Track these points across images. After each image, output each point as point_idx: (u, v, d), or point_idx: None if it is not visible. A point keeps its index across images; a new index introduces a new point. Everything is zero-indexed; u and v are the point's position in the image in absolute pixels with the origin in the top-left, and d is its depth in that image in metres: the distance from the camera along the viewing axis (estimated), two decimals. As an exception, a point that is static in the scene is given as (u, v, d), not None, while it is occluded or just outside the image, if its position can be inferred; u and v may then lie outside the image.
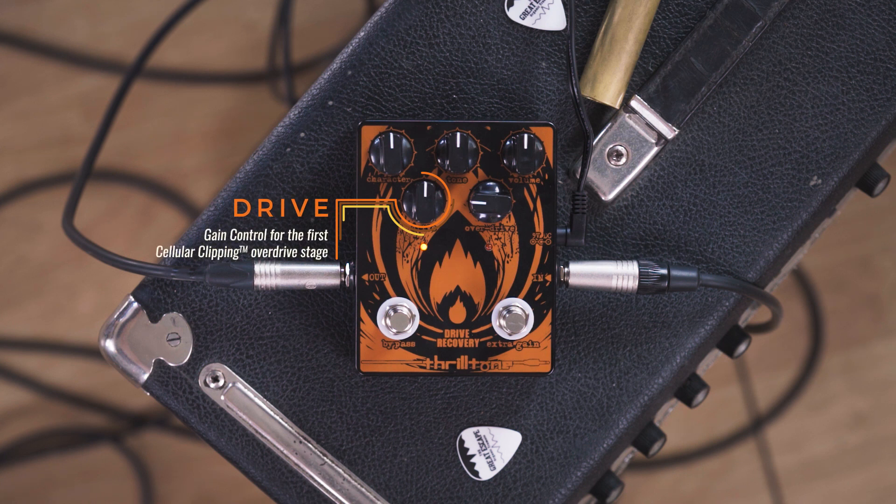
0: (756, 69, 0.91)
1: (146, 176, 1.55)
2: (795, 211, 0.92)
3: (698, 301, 0.92)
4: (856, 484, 1.55)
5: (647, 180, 0.92)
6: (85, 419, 1.54)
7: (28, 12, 1.56)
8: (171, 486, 1.54)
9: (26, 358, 1.54)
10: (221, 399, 0.91)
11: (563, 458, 0.92)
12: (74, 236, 0.94)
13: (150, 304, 0.91)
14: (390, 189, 0.87)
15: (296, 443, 0.91)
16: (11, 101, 1.56)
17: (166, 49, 1.53)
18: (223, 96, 1.56)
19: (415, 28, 0.91)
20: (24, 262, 1.55)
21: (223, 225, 0.91)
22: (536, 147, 0.87)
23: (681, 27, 0.91)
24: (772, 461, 1.55)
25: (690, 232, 0.92)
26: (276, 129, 0.91)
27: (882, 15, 0.91)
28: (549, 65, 0.91)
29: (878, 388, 1.56)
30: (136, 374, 0.91)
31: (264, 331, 0.91)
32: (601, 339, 0.92)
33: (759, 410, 1.55)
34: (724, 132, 0.92)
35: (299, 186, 0.91)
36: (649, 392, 0.92)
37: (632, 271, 0.88)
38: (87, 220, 1.54)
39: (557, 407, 0.92)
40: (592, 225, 0.92)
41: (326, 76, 0.91)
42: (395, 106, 0.91)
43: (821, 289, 1.56)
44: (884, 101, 0.91)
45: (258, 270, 0.88)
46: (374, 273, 0.87)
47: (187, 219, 1.54)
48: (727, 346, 0.94)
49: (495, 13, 0.91)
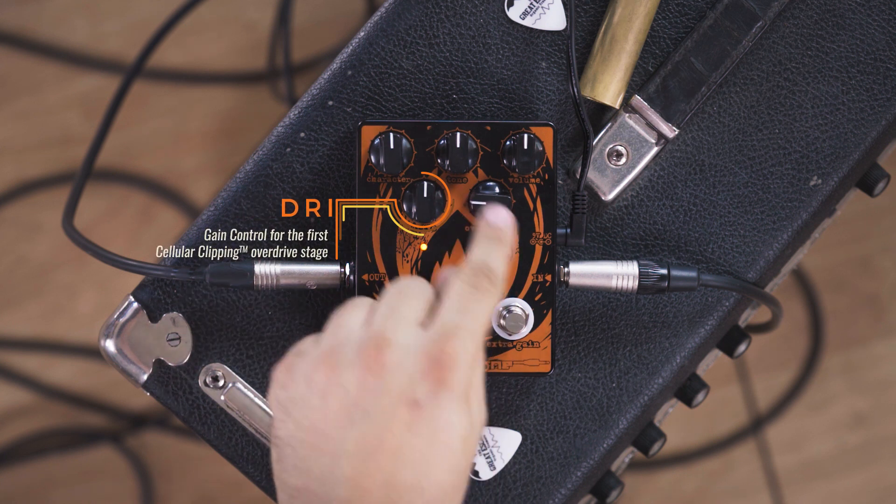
0: (756, 69, 0.91)
1: (146, 176, 1.55)
2: (795, 211, 0.92)
3: (698, 301, 0.92)
4: (856, 484, 1.55)
5: (647, 180, 0.92)
6: (85, 419, 1.54)
7: (28, 12, 1.56)
8: (171, 486, 1.54)
9: (26, 358, 1.54)
10: (221, 399, 0.91)
11: (562, 458, 0.92)
12: (74, 236, 0.94)
13: (150, 304, 0.91)
14: (390, 189, 0.87)
15: (296, 443, 0.91)
16: (11, 101, 1.56)
17: (166, 49, 1.53)
18: (223, 96, 1.56)
19: (415, 28, 0.91)
20: (24, 262, 1.55)
21: (223, 225, 0.91)
22: (536, 147, 0.87)
23: (681, 27, 0.91)
24: (772, 461, 1.55)
25: (690, 232, 0.92)
26: (276, 129, 0.91)
27: (882, 15, 0.91)
28: (549, 65, 0.91)
29: (878, 388, 1.56)
30: (136, 374, 0.91)
31: (264, 331, 0.91)
32: (601, 339, 0.92)
33: (759, 410, 1.55)
34: (724, 132, 0.92)
35: (299, 186, 0.91)
36: (649, 392, 0.92)
37: (632, 271, 0.88)
38: (87, 220, 1.54)
39: (557, 407, 0.92)
40: (592, 225, 0.92)
41: (326, 76, 0.91)
42: (394, 106, 0.91)
43: (821, 289, 1.56)
44: (884, 101, 0.91)
45: (258, 270, 0.88)
46: (374, 273, 0.87)
47: (187, 219, 1.54)
48: (727, 346, 0.94)
49: (495, 13, 0.91)
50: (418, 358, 0.76)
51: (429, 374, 0.75)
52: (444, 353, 0.76)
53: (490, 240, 0.81)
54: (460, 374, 0.76)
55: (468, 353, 0.77)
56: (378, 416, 0.75)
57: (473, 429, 0.76)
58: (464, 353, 0.76)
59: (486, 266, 0.80)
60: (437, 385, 0.75)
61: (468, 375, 0.76)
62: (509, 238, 0.82)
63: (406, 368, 0.76)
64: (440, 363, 0.76)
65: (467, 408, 0.76)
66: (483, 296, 0.79)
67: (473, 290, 0.79)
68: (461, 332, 0.77)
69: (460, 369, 0.76)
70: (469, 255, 0.81)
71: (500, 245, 0.81)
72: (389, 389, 0.75)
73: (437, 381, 0.75)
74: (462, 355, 0.76)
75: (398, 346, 0.76)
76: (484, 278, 0.79)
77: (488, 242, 0.81)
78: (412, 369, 0.76)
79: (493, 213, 0.82)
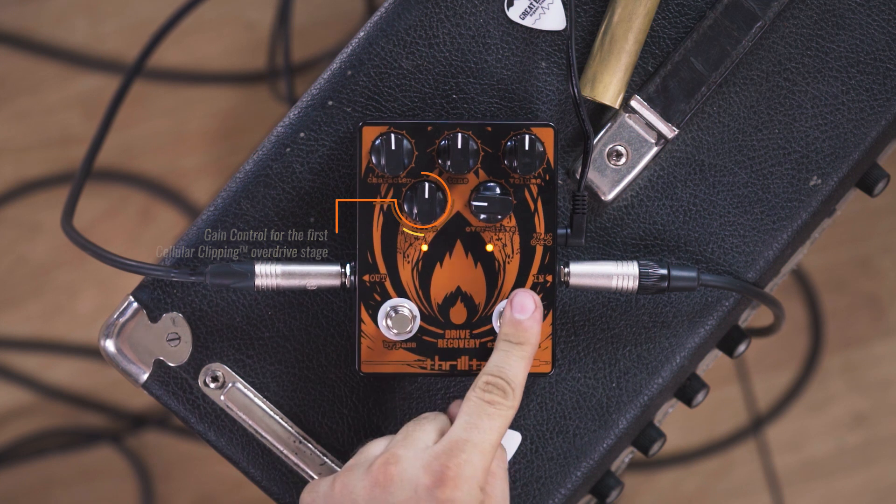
0: (756, 69, 0.91)
1: (146, 176, 1.55)
2: (795, 211, 0.92)
3: (698, 301, 0.92)
4: (856, 484, 1.55)
5: (647, 180, 0.92)
6: (85, 419, 1.54)
7: (28, 12, 1.56)
8: (171, 486, 1.54)
9: (26, 358, 1.54)
10: (221, 399, 0.91)
11: (562, 458, 0.92)
12: (74, 236, 0.94)
13: (150, 304, 0.91)
14: (391, 190, 0.87)
15: (296, 443, 0.91)
16: (11, 101, 1.56)
17: (166, 49, 1.53)
18: (223, 96, 1.56)
19: (415, 28, 0.91)
20: (24, 262, 1.55)
21: (223, 225, 0.91)
22: (537, 148, 0.87)
23: (681, 27, 0.91)
24: (772, 461, 1.55)
25: (690, 232, 0.92)
26: (276, 129, 0.91)
27: (882, 15, 0.91)
28: (549, 65, 0.91)
29: (878, 388, 1.56)
30: (136, 374, 0.91)
31: (264, 331, 0.91)
32: (601, 339, 0.92)
33: (759, 410, 1.55)
34: (724, 132, 0.92)
35: (299, 186, 0.91)
36: (649, 392, 0.92)
37: (632, 271, 0.88)
38: (86, 220, 1.54)
39: (557, 407, 0.92)
40: (592, 225, 0.92)
41: (326, 76, 0.91)
42: (394, 106, 0.91)
43: (821, 289, 1.56)
44: (884, 101, 0.91)
45: (258, 271, 0.88)
46: (375, 274, 0.87)
47: (187, 219, 1.54)
48: (727, 346, 0.94)
49: (495, 13, 0.91)
50: (423, 472, 0.79)
51: (432, 488, 0.78)
52: (447, 467, 0.78)
53: (511, 343, 0.83)
54: (464, 489, 0.78)
55: (473, 468, 0.78)
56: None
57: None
58: (468, 468, 0.78)
59: (502, 376, 0.82)
60: (440, 500, 0.78)
61: (473, 491, 0.78)
62: (533, 337, 0.83)
63: (411, 481, 0.79)
64: (443, 477, 0.78)
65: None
66: (496, 409, 0.81)
67: (485, 404, 0.81)
68: (467, 447, 0.79)
69: (464, 484, 0.78)
70: (489, 361, 0.83)
71: (520, 349, 0.83)
72: (395, 502, 0.79)
73: (439, 495, 0.78)
74: (467, 470, 0.78)
75: (405, 460, 0.79)
76: (497, 392, 0.81)
77: (508, 347, 0.83)
78: (417, 482, 0.78)
79: (518, 306, 0.84)
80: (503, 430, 0.81)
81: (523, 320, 0.84)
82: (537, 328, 0.84)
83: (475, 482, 0.78)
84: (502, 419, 0.81)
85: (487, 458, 0.79)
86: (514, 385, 0.82)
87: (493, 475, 0.80)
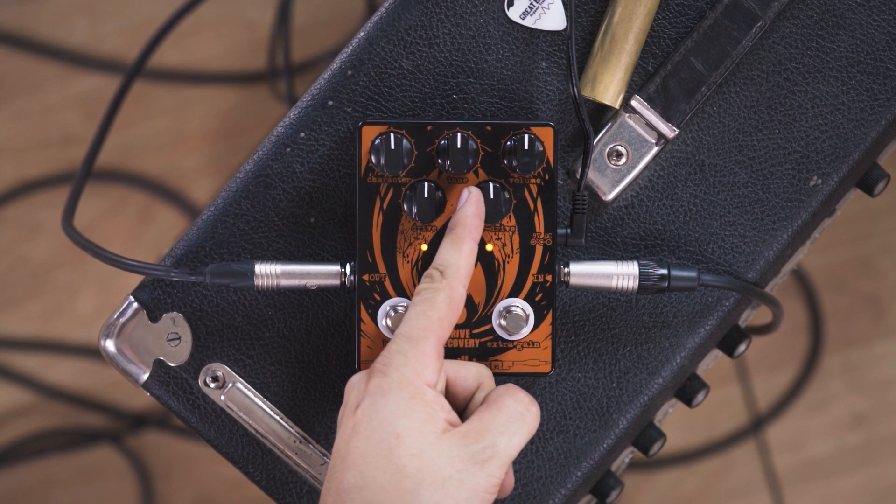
0: (756, 69, 0.91)
1: (146, 176, 1.55)
2: (795, 211, 0.92)
3: (698, 301, 0.92)
4: (856, 484, 1.55)
5: (647, 180, 0.92)
6: (85, 419, 1.54)
7: (28, 12, 1.56)
8: (171, 486, 1.54)
9: (26, 358, 1.54)
10: (221, 399, 0.91)
11: (562, 458, 0.92)
12: (74, 236, 0.94)
13: (150, 304, 0.91)
14: (391, 189, 0.87)
15: (296, 443, 0.91)
16: (11, 101, 1.56)
17: (166, 49, 1.53)
18: (223, 96, 1.56)
19: (415, 28, 0.91)
20: (24, 262, 1.55)
21: (223, 225, 0.91)
22: (537, 147, 0.87)
23: (681, 27, 0.91)
24: (772, 461, 1.55)
25: (690, 232, 0.92)
26: (276, 129, 0.91)
27: (882, 15, 0.91)
28: (549, 65, 0.91)
29: (878, 388, 1.56)
30: (136, 374, 0.91)
31: (264, 331, 0.91)
32: (601, 339, 0.92)
33: (759, 410, 1.55)
34: (724, 132, 0.92)
35: (299, 186, 0.91)
36: (649, 392, 0.92)
37: (632, 271, 0.88)
38: (86, 220, 1.54)
39: (557, 407, 0.92)
40: (592, 225, 0.92)
41: (326, 76, 0.91)
42: (395, 106, 0.91)
43: (821, 289, 1.56)
44: (884, 101, 0.91)
45: (258, 270, 0.88)
46: (374, 273, 0.87)
47: (187, 219, 1.54)
48: (727, 346, 0.94)
49: (495, 13, 0.91)
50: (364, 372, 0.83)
51: (367, 381, 0.81)
52: (378, 359, 0.81)
53: (448, 235, 0.86)
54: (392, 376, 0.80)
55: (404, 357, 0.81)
56: (340, 430, 0.81)
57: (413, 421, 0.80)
58: (398, 357, 0.81)
59: (434, 266, 0.85)
60: (372, 385, 0.81)
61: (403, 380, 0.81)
62: (461, 221, 0.85)
63: (358, 382, 0.82)
64: (372, 370, 0.81)
65: (411, 403, 0.80)
66: (423, 295, 0.83)
67: (416, 296, 0.83)
68: (397, 338, 0.82)
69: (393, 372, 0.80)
70: None
71: (449, 235, 0.85)
72: (347, 403, 0.82)
73: (369, 387, 0.81)
74: (395, 359, 0.81)
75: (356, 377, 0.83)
76: (426, 280, 0.84)
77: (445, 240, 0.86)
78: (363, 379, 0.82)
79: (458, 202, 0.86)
80: (440, 309, 0.82)
81: (457, 211, 0.86)
82: (467, 212, 0.85)
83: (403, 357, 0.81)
84: (429, 302, 0.83)
85: (416, 344, 0.81)
86: (442, 268, 0.84)
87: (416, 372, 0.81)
